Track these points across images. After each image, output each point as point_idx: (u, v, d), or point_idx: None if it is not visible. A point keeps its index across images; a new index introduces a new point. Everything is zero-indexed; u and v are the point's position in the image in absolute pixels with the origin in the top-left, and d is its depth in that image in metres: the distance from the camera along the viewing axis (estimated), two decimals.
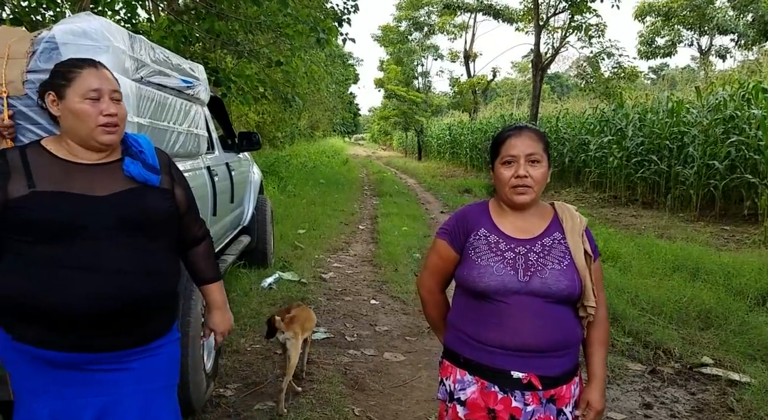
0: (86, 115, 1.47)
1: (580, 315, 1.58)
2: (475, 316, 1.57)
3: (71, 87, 1.48)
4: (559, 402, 1.54)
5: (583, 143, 13.83)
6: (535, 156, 1.54)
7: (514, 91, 37.11)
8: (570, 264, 1.54)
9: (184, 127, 2.81)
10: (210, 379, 2.87)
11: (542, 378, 1.51)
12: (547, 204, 1.68)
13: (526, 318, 1.49)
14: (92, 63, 1.54)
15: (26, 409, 1.52)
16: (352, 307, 4.86)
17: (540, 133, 1.61)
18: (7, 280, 1.46)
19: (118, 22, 7.80)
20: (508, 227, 1.59)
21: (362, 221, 9.76)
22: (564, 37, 15.80)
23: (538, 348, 1.50)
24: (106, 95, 1.50)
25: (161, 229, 1.59)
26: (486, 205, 1.68)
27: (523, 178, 1.53)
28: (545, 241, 1.57)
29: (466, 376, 1.57)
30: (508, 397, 1.51)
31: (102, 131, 1.49)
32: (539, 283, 1.50)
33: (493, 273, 1.51)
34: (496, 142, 1.61)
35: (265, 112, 16.93)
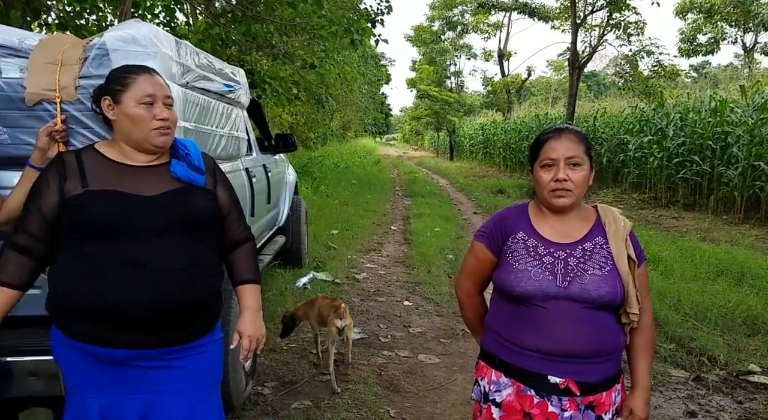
0: (141, 119, 1.53)
1: (623, 321, 1.54)
2: (512, 319, 1.55)
3: (127, 92, 1.54)
4: (599, 409, 1.51)
5: (622, 143, 13.51)
6: (576, 159, 1.51)
7: (550, 90, 36.57)
8: (612, 269, 1.50)
9: (226, 130, 2.86)
10: (249, 377, 2.92)
11: (580, 384, 1.48)
12: (590, 206, 1.64)
13: (564, 323, 1.47)
14: (146, 69, 1.60)
15: (76, 403, 1.57)
16: (385, 308, 4.87)
17: (581, 134, 1.56)
18: (60, 278, 1.53)
19: (158, 25, 8.00)
20: (547, 231, 1.56)
21: (394, 222, 9.76)
22: (602, 35, 15.45)
23: (576, 354, 1.47)
24: (160, 100, 1.56)
25: (205, 229, 1.62)
26: (525, 207, 1.65)
27: (563, 182, 1.49)
28: (586, 246, 1.53)
29: (502, 378, 1.56)
30: (544, 401, 1.49)
31: (156, 134, 1.55)
32: (578, 288, 1.47)
33: (530, 277, 1.49)
34: (536, 145, 1.58)
35: (299, 113, 17.14)
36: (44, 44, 1.91)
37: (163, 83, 1.61)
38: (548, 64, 48.89)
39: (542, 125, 18.64)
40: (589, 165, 1.54)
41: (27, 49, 1.89)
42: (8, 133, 1.91)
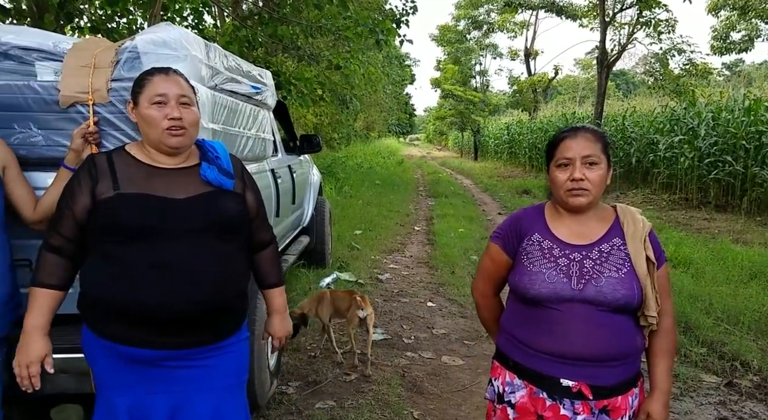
0: (152, 119, 1.54)
1: (641, 324, 1.51)
2: (526, 321, 1.54)
3: (142, 94, 1.57)
4: (614, 413, 1.48)
5: (652, 143, 13.23)
6: (592, 158, 1.48)
7: (577, 89, 36.03)
8: (629, 271, 1.46)
9: (253, 131, 2.89)
10: (273, 376, 2.95)
11: (594, 388, 1.45)
12: (609, 206, 1.61)
13: (578, 327, 1.44)
14: (164, 70, 1.60)
15: (106, 401, 1.60)
16: (408, 309, 4.86)
17: (598, 133, 1.53)
18: (91, 279, 1.56)
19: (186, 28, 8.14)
20: (563, 232, 1.54)
21: (417, 222, 9.74)
22: (631, 33, 15.15)
23: (590, 357, 1.44)
24: (173, 100, 1.56)
25: (234, 232, 1.64)
26: (542, 208, 1.63)
27: (579, 182, 1.47)
28: (603, 247, 1.50)
29: (516, 379, 1.55)
30: (556, 404, 1.47)
31: (168, 134, 1.55)
32: (594, 291, 1.44)
33: (545, 280, 1.47)
34: (552, 144, 1.55)
35: (323, 113, 17.24)
36: (78, 48, 1.95)
37: (182, 83, 1.60)
38: (576, 62, 48.17)
39: (569, 124, 18.37)
40: (607, 164, 1.51)
41: (61, 52, 1.93)
42: (42, 135, 1.95)
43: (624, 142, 14.39)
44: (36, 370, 1.55)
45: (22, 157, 1.91)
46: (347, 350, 3.77)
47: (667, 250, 6.65)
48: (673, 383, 3.41)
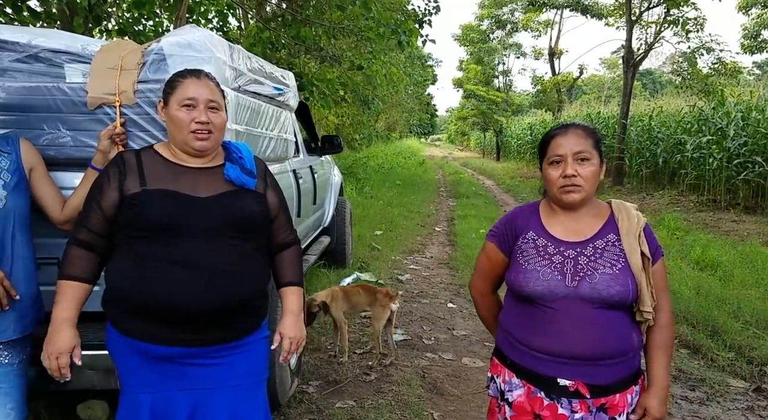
0: (180, 121, 1.57)
1: (638, 320, 1.50)
2: (522, 320, 1.54)
3: (173, 95, 1.60)
4: (612, 411, 1.47)
5: (679, 143, 12.96)
6: (584, 153, 1.48)
7: (602, 89, 35.50)
8: (624, 268, 1.46)
9: (275, 132, 2.92)
10: (294, 376, 2.97)
11: (591, 386, 1.45)
12: (604, 203, 1.61)
13: (573, 324, 1.44)
14: (196, 73, 1.63)
15: (129, 397, 1.63)
16: (429, 309, 4.85)
17: (589, 129, 1.54)
18: (114, 275, 1.59)
19: (211, 30, 8.25)
20: (558, 229, 1.54)
21: (438, 223, 9.70)
22: (658, 32, 14.85)
23: (586, 356, 1.44)
24: (202, 104, 1.58)
25: (254, 231, 1.66)
26: (536, 206, 1.64)
27: (572, 178, 1.47)
28: (597, 244, 1.50)
29: (514, 378, 1.55)
30: (554, 403, 1.47)
31: (194, 137, 1.58)
32: (588, 288, 1.44)
33: (539, 278, 1.48)
34: (543, 142, 1.56)
35: (344, 114, 17.29)
36: (105, 50, 1.99)
37: (212, 87, 1.63)
38: (601, 61, 47.51)
39: (594, 124, 18.12)
40: (599, 159, 1.51)
41: (89, 54, 1.97)
42: (71, 136, 1.99)
43: (650, 143, 14.14)
44: (65, 360, 1.58)
45: (51, 157, 1.95)
46: (367, 350, 3.78)
47: (694, 252, 6.52)
48: (698, 388, 3.35)
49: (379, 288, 3.80)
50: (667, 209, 10.75)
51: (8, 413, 1.75)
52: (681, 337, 4.15)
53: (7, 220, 1.71)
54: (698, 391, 3.37)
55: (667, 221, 8.80)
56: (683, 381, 3.51)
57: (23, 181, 1.79)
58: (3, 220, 1.70)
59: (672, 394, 3.32)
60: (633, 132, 14.92)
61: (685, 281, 5.27)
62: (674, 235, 8.00)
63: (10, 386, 1.76)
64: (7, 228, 1.71)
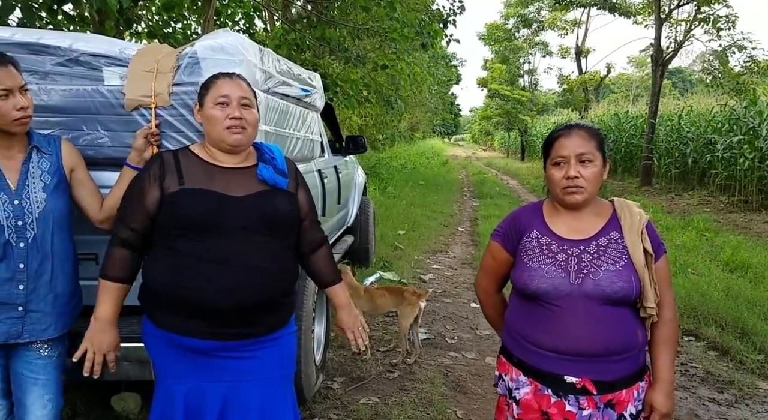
0: (215, 118, 1.64)
1: (642, 316, 1.52)
2: (528, 318, 1.56)
3: (208, 95, 1.66)
4: (619, 407, 1.48)
5: (709, 143, 12.69)
6: (587, 155, 1.49)
7: (631, 88, 34.90)
8: (627, 264, 1.47)
9: (302, 133, 2.97)
10: (319, 371, 3.02)
11: (597, 382, 1.46)
12: (606, 201, 1.62)
13: (578, 321, 1.46)
14: (229, 75, 1.70)
15: (164, 389, 1.69)
16: (452, 309, 4.86)
17: (593, 130, 1.55)
18: (152, 271, 1.65)
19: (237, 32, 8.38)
20: (561, 228, 1.56)
21: (461, 223, 9.69)
22: (688, 30, 14.55)
23: (592, 352, 1.45)
24: (235, 101, 1.65)
25: (285, 230, 1.71)
26: (540, 205, 1.66)
27: (574, 180, 1.49)
28: (600, 241, 1.52)
29: (521, 376, 1.57)
30: (561, 401, 1.49)
31: (228, 133, 1.64)
32: (592, 285, 1.46)
33: (543, 275, 1.50)
34: (547, 143, 1.58)
35: (368, 115, 17.36)
36: (141, 53, 2.06)
37: (243, 86, 1.69)
38: (629, 60, 46.67)
39: (622, 124, 17.85)
40: (602, 160, 1.53)
41: (127, 58, 2.04)
42: (109, 136, 2.06)
43: (680, 142, 13.86)
44: (112, 357, 1.69)
45: (90, 157, 2.02)
46: (391, 348, 3.81)
47: (724, 253, 6.39)
48: (727, 390, 3.30)
49: (405, 287, 3.81)
50: (696, 210, 10.54)
51: (45, 404, 1.82)
52: (709, 338, 4.09)
53: (47, 222, 1.77)
54: (726, 393, 3.32)
55: (696, 222, 8.63)
56: (711, 383, 3.46)
57: (63, 183, 1.84)
58: (43, 222, 1.75)
59: (699, 396, 3.28)
60: (662, 131, 14.65)
61: (714, 283, 5.18)
62: (703, 236, 7.85)
63: (47, 378, 1.83)
64: (47, 229, 1.77)
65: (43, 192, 1.77)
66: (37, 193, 1.76)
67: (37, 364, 1.80)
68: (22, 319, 1.74)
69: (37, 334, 1.77)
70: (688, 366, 3.71)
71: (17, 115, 1.67)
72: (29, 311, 1.75)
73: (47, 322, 1.79)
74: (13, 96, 1.66)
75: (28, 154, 1.78)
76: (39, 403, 1.80)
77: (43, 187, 1.78)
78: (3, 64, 1.66)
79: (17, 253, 1.71)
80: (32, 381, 1.80)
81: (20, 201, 1.72)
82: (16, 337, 1.74)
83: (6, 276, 1.70)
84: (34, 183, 1.76)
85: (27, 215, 1.72)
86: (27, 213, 1.72)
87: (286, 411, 1.75)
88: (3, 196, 1.70)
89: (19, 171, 1.75)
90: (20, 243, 1.71)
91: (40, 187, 1.77)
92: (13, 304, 1.72)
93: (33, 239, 1.73)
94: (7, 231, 1.68)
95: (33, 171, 1.77)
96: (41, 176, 1.78)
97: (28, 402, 1.80)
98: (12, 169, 1.74)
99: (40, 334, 1.78)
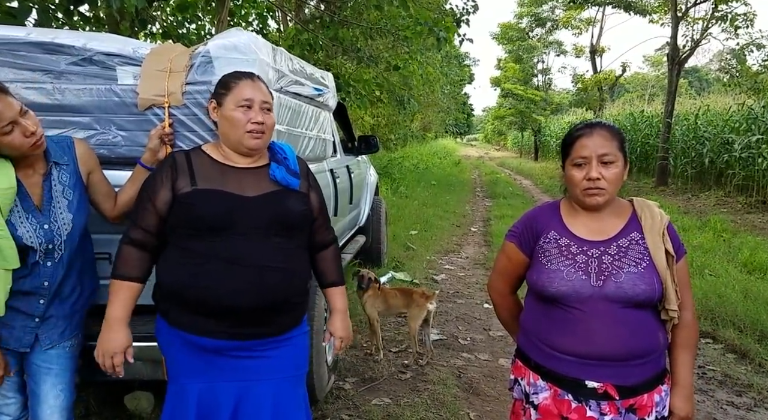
0: (237, 121, 1.63)
1: (663, 318, 1.48)
2: (546, 321, 1.52)
3: (229, 96, 1.65)
4: (641, 411, 1.45)
5: (726, 143, 12.50)
6: (609, 156, 1.44)
7: (646, 87, 34.54)
8: (649, 266, 1.44)
9: (314, 132, 2.97)
10: (331, 371, 3.01)
11: (619, 387, 1.43)
12: (625, 201, 1.58)
13: (600, 325, 1.42)
14: (250, 76, 1.69)
15: (177, 387, 1.69)
16: (464, 310, 4.83)
17: (614, 130, 1.49)
18: (166, 270, 1.65)
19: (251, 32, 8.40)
20: (580, 229, 1.52)
21: (474, 223, 9.63)
22: (705, 28, 14.35)
23: (614, 356, 1.42)
24: (257, 105, 1.64)
25: (297, 230, 1.71)
26: (557, 205, 1.61)
27: (596, 181, 1.44)
28: (621, 242, 1.48)
29: (539, 380, 1.53)
30: (582, 406, 1.45)
31: (249, 137, 1.63)
32: (614, 287, 1.42)
33: (563, 278, 1.46)
34: (567, 142, 1.53)
35: (380, 115, 17.35)
36: (155, 52, 2.06)
37: (264, 89, 1.69)
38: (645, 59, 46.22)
39: (637, 124, 17.64)
40: (623, 161, 1.48)
41: (140, 57, 2.04)
42: (122, 136, 2.07)
43: (696, 142, 13.67)
44: (120, 360, 1.66)
45: (103, 156, 2.03)
46: (403, 349, 3.79)
47: (742, 255, 6.28)
48: (745, 393, 3.24)
49: (415, 289, 3.80)
50: (713, 210, 10.38)
51: (58, 394, 1.83)
52: (727, 341, 4.02)
53: (73, 241, 1.79)
54: (745, 396, 3.25)
55: (713, 223, 8.50)
56: (729, 386, 3.40)
57: (84, 195, 1.84)
58: (70, 242, 1.77)
59: (717, 400, 3.22)
60: (678, 131, 14.46)
61: (732, 284, 5.09)
62: (721, 236, 7.73)
63: (61, 368, 1.84)
64: (73, 247, 1.79)
65: (68, 212, 1.78)
66: (64, 214, 1.77)
67: (50, 353, 1.82)
68: (36, 329, 1.77)
69: (55, 340, 1.80)
70: (705, 369, 3.64)
71: (31, 142, 1.64)
72: (45, 319, 1.77)
73: (62, 326, 1.81)
74: (18, 125, 1.62)
75: (48, 171, 1.77)
76: (52, 394, 1.82)
77: (68, 205, 1.78)
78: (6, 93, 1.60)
79: (44, 272, 1.73)
80: (45, 370, 1.81)
81: (49, 225, 1.73)
82: (28, 345, 1.76)
83: (29, 289, 1.72)
84: (58, 202, 1.76)
85: (57, 238, 1.74)
86: (56, 236, 1.74)
87: (299, 411, 1.75)
88: (33, 220, 1.70)
89: (41, 187, 1.75)
90: (47, 262, 1.74)
91: (65, 206, 1.77)
92: (31, 316, 1.75)
93: (60, 259, 1.76)
94: (38, 254, 1.71)
95: (55, 187, 1.77)
96: (63, 192, 1.78)
97: (41, 392, 1.81)
98: (34, 185, 1.74)
99: (58, 339, 1.81)
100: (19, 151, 1.65)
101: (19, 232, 1.66)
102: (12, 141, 1.62)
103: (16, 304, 1.71)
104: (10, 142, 1.61)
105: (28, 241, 1.68)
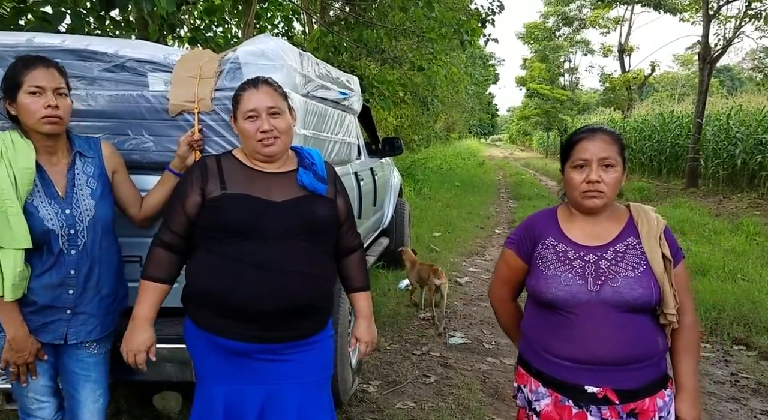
0: (247, 132, 1.66)
1: (662, 323, 1.47)
2: (545, 326, 1.52)
3: (238, 109, 1.69)
4: (642, 416, 1.44)
5: (760, 143, 12.16)
6: (609, 160, 1.46)
7: (676, 86, 33.81)
8: (646, 270, 1.44)
9: (339, 136, 2.98)
10: (355, 374, 3.02)
11: (619, 392, 1.42)
12: (622, 206, 1.58)
13: (598, 330, 1.42)
14: (254, 84, 1.69)
15: (204, 390, 1.72)
16: (489, 313, 4.79)
17: (615, 135, 1.51)
18: (194, 274, 1.68)
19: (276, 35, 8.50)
20: (577, 234, 1.53)
21: (498, 225, 9.55)
22: (738, 26, 13.97)
23: (613, 361, 1.42)
24: (263, 113, 1.65)
25: (324, 235, 1.72)
26: (554, 211, 1.63)
27: (596, 184, 1.45)
28: (618, 247, 1.48)
29: (540, 387, 1.53)
30: (583, 412, 1.45)
31: (261, 145, 1.66)
32: (611, 292, 1.42)
33: (560, 283, 1.46)
34: (568, 145, 1.54)
35: (404, 116, 17.34)
36: (185, 59, 2.09)
37: (272, 93, 1.68)
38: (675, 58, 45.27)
39: (666, 124, 17.27)
40: (623, 166, 1.50)
41: (171, 63, 2.07)
42: (153, 141, 2.10)
43: (728, 143, 13.32)
44: (142, 358, 1.71)
45: (135, 161, 2.07)
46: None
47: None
48: None
49: (433, 266, 4.55)
50: (745, 213, 10.10)
51: (97, 398, 1.91)
52: (762, 348, 3.91)
53: (96, 229, 1.81)
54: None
55: (746, 225, 8.27)
56: (764, 394, 3.31)
57: (107, 187, 1.88)
58: (92, 230, 1.80)
59: (751, 408, 3.13)
60: (709, 132, 14.11)
61: (767, 290, 4.94)
62: (754, 240, 7.52)
63: (98, 375, 1.91)
64: (96, 236, 1.81)
65: (91, 199, 1.81)
66: (86, 201, 1.80)
67: (88, 361, 1.87)
68: (69, 322, 1.80)
69: (84, 336, 1.83)
70: (738, 376, 3.55)
71: (44, 113, 1.67)
72: (76, 314, 1.80)
73: (93, 323, 1.84)
74: (44, 95, 1.67)
75: (72, 160, 1.81)
76: (91, 398, 1.89)
77: (91, 193, 1.81)
78: (44, 65, 1.70)
79: (69, 260, 1.76)
80: (84, 378, 1.87)
81: (71, 210, 1.76)
82: (61, 338, 1.79)
83: (57, 282, 1.75)
84: (81, 190, 1.80)
85: (78, 224, 1.77)
86: (78, 222, 1.77)
87: (324, 415, 1.76)
88: (55, 205, 1.74)
89: (65, 177, 1.79)
90: (72, 250, 1.76)
91: (88, 194, 1.81)
92: (62, 308, 1.78)
93: (83, 246, 1.78)
94: (60, 240, 1.73)
95: (79, 177, 1.81)
96: (87, 182, 1.82)
97: (81, 397, 1.87)
98: (59, 174, 1.78)
99: (87, 336, 1.83)
100: (33, 119, 1.68)
101: (41, 213, 1.70)
102: (29, 105, 1.67)
103: (48, 298, 1.74)
104: (28, 105, 1.67)
105: (48, 223, 1.70)
